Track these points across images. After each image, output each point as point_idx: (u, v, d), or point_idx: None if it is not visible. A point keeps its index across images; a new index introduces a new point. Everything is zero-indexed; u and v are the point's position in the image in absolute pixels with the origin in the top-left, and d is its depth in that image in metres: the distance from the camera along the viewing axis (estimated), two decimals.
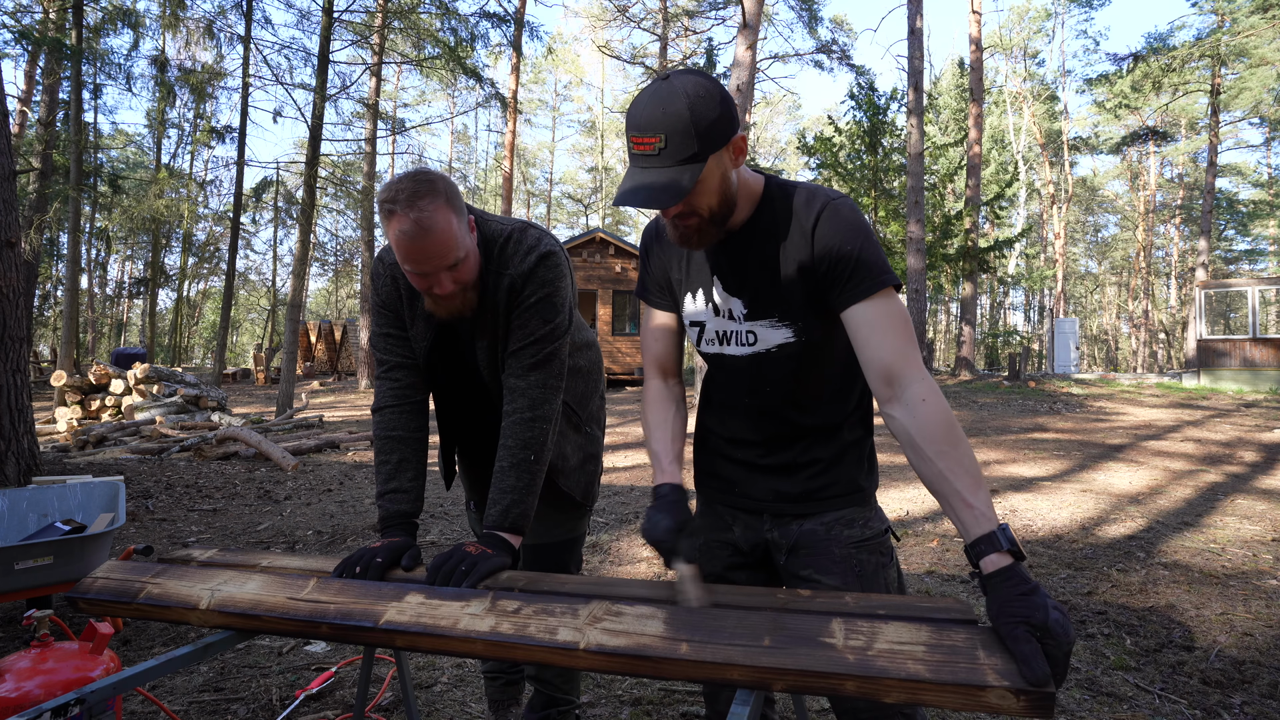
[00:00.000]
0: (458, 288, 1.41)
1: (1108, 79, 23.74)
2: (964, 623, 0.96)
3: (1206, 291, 17.02)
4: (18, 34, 13.13)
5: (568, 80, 42.94)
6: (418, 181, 1.33)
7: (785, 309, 1.21)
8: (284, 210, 34.22)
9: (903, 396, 1.08)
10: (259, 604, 1.15)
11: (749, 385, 1.29)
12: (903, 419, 1.07)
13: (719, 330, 1.28)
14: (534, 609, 1.03)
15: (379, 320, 1.60)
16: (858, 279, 1.12)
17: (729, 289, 1.25)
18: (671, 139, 1.04)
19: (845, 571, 1.24)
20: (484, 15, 15.67)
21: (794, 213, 1.18)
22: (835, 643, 0.90)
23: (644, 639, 0.95)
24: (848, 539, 1.26)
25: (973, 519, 0.97)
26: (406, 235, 1.31)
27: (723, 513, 1.38)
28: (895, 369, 1.09)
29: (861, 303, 1.12)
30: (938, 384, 1.10)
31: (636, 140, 1.07)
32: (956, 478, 1.00)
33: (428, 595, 1.08)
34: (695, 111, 1.04)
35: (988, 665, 0.84)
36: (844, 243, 1.13)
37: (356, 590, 1.13)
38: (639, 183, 1.07)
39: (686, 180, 1.06)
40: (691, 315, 1.31)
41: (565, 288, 1.53)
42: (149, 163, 31.08)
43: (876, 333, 1.10)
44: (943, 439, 1.03)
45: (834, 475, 1.29)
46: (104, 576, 1.32)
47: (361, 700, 1.76)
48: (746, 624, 0.94)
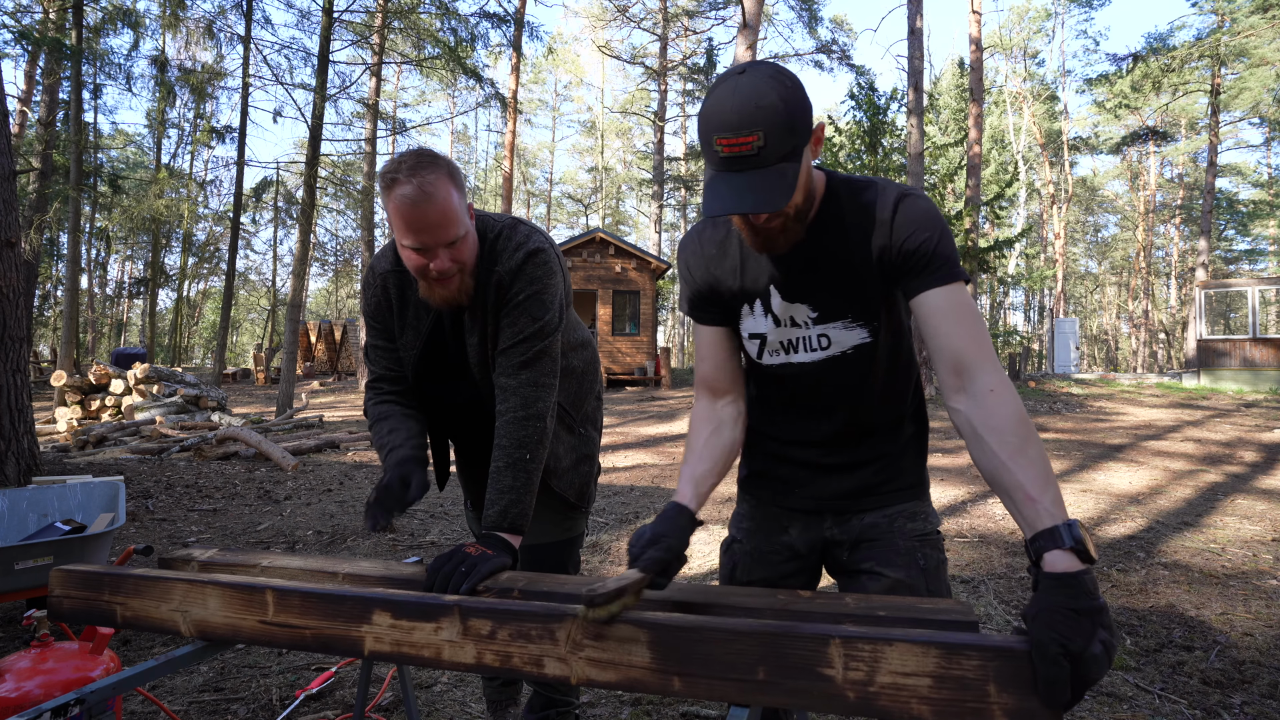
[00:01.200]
0: (455, 267, 1.39)
1: (1108, 79, 23.74)
2: (966, 626, 0.94)
3: (1206, 291, 17.02)
4: (18, 34, 13.13)
5: (568, 80, 42.95)
6: (420, 155, 1.34)
7: (859, 308, 1.17)
8: (284, 210, 34.23)
9: (970, 388, 1.04)
10: (236, 630, 1.13)
11: (819, 390, 1.25)
12: (968, 410, 1.03)
13: (783, 340, 1.23)
14: (508, 632, 0.97)
15: (369, 331, 1.62)
16: (934, 267, 1.09)
17: (790, 296, 1.20)
18: (770, 135, 0.97)
19: (909, 565, 1.22)
20: (484, 15, 15.68)
21: (865, 206, 1.13)
22: (834, 675, 0.84)
23: (633, 671, 0.91)
24: (911, 531, 1.25)
25: (1035, 513, 0.90)
26: (408, 200, 1.29)
27: (778, 515, 1.34)
28: (966, 358, 1.05)
29: (935, 289, 1.09)
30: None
31: (729, 142, 0.98)
32: (1021, 470, 0.94)
33: (394, 615, 1.03)
34: (789, 103, 0.98)
35: (998, 706, 0.79)
36: (921, 230, 1.10)
37: (320, 609, 1.08)
38: (738, 188, 0.99)
39: (790, 179, 1.00)
40: (750, 329, 1.25)
41: (555, 285, 1.51)
42: (149, 163, 31.07)
43: (948, 321, 1.07)
44: (1010, 430, 0.97)
45: (896, 469, 1.28)
46: (67, 595, 1.26)
47: (361, 700, 1.76)
48: (738, 651, 0.88)
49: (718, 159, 1.01)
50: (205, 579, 1.16)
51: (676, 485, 1.23)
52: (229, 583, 1.14)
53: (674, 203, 37.61)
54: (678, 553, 1.07)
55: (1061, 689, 0.76)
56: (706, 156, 1.04)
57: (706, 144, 1.02)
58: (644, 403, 14.00)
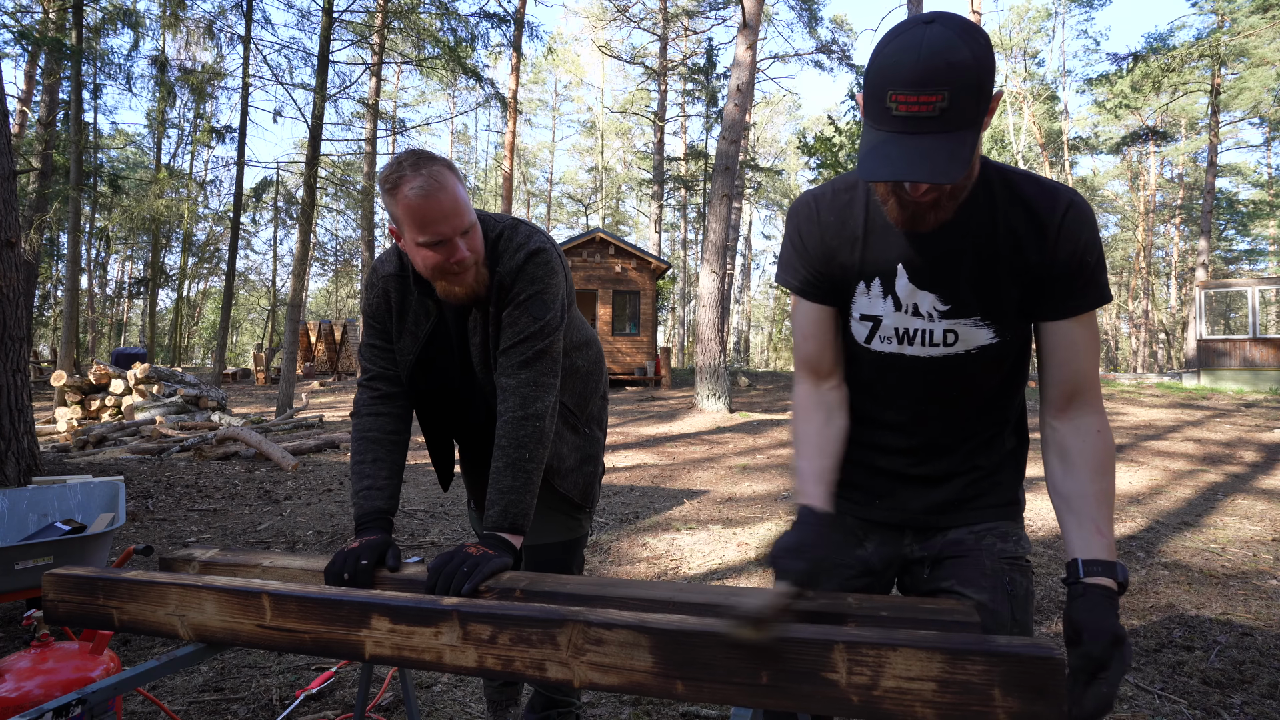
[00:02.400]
0: (472, 257, 1.39)
1: (1108, 79, 23.74)
2: (969, 627, 0.93)
3: (1206, 291, 17.02)
4: (18, 34, 13.13)
5: (568, 80, 42.94)
6: (417, 153, 1.35)
7: (990, 307, 1.08)
8: (284, 210, 34.22)
9: (1078, 420, 1.07)
10: (235, 634, 1.13)
11: (928, 389, 1.15)
12: (1067, 437, 1.06)
13: (899, 328, 1.12)
14: (509, 636, 0.97)
15: (367, 330, 1.62)
16: (1084, 294, 1.04)
17: (920, 281, 1.08)
18: (956, 97, 0.86)
19: (995, 587, 1.12)
20: (484, 15, 15.68)
21: (1026, 203, 1.03)
22: (838, 679, 0.84)
23: (635, 675, 0.91)
24: (1001, 552, 1.15)
25: (1100, 546, 0.99)
26: (420, 191, 1.30)
27: (854, 526, 1.25)
28: (1083, 392, 1.07)
29: (1078, 318, 1.05)
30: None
31: (906, 100, 0.87)
32: (1099, 508, 1.02)
33: (393, 619, 1.02)
34: (981, 63, 0.87)
35: (1002, 710, 0.79)
36: (1086, 252, 1.03)
37: (318, 613, 1.07)
38: (913, 152, 0.88)
39: (968, 149, 0.89)
40: (864, 309, 1.14)
41: (557, 284, 1.51)
42: (149, 163, 31.07)
43: (1078, 355, 1.06)
44: (1100, 471, 1.04)
45: (991, 484, 1.19)
46: (61, 599, 1.25)
47: (362, 700, 1.77)
48: (741, 656, 0.87)
49: (890, 117, 0.90)
50: (200, 583, 1.15)
51: (803, 487, 1.11)
52: (224, 587, 1.13)
53: (674, 203, 37.61)
54: (824, 561, 1.01)
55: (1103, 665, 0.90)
56: (873, 114, 0.92)
57: (877, 100, 0.91)
58: (644, 403, 14.01)
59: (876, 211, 1.10)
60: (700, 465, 7.40)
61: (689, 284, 39.38)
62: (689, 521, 4.93)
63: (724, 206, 11.84)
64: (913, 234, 1.05)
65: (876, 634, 0.86)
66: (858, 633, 0.87)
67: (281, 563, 1.39)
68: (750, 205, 40.08)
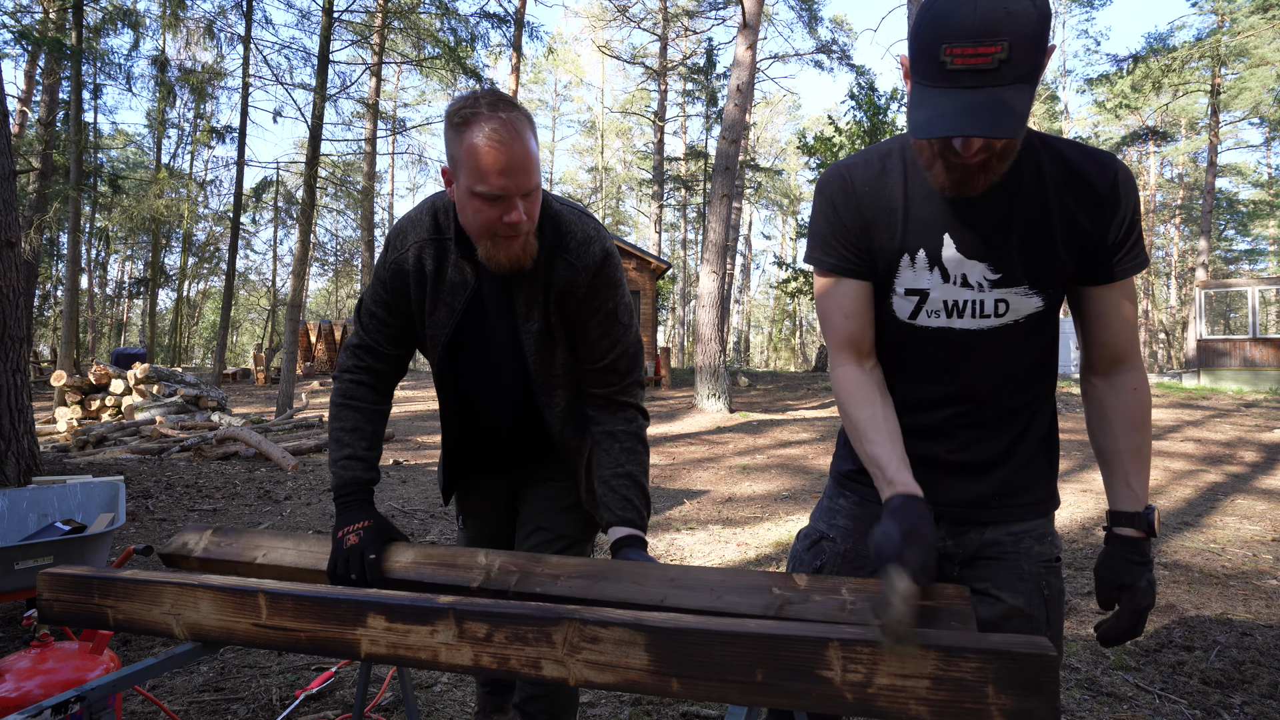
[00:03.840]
0: (528, 224, 1.25)
1: (1108, 79, 23.74)
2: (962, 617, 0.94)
3: (1206, 291, 17.02)
4: (18, 34, 13.13)
5: (568, 80, 42.93)
6: (497, 93, 1.22)
7: (1038, 275, 1.05)
8: (284, 210, 34.21)
9: (1118, 380, 1.11)
10: (230, 633, 1.13)
11: (975, 364, 1.10)
12: (1105, 395, 1.11)
13: (947, 300, 1.07)
14: (504, 634, 0.97)
15: (375, 299, 1.45)
16: (1131, 257, 1.06)
17: (967, 251, 1.04)
18: (1016, 48, 0.83)
19: (1032, 591, 1.12)
20: (484, 15, 15.68)
21: (1070, 168, 1.02)
22: (833, 676, 0.85)
23: (630, 673, 0.91)
24: (1039, 556, 1.14)
25: (1128, 497, 1.08)
26: (495, 137, 1.16)
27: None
28: (1125, 354, 1.10)
29: (1122, 282, 1.07)
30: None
31: (965, 52, 0.84)
32: (1131, 461, 1.08)
33: (389, 618, 1.03)
34: (1041, 10, 0.85)
35: (995, 706, 0.80)
36: (1135, 214, 1.04)
37: (314, 612, 1.07)
38: (969, 107, 0.85)
39: (1025, 103, 0.86)
40: (909, 283, 1.08)
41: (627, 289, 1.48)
42: (149, 163, 31.07)
43: (1121, 314, 1.09)
44: (1136, 426, 1.09)
45: (1028, 477, 1.15)
46: (56, 599, 1.24)
47: (361, 700, 1.76)
48: (735, 654, 0.88)
49: (944, 73, 0.87)
50: (195, 582, 1.15)
51: (891, 475, 1.02)
52: (220, 585, 1.13)
53: (674, 203, 37.61)
54: (934, 547, 0.95)
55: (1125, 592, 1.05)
56: (923, 71, 0.90)
57: (928, 56, 0.88)
58: (644, 403, 13.99)
59: (917, 179, 1.06)
60: (700, 465, 7.40)
61: (689, 284, 39.38)
62: (689, 521, 4.93)
63: (724, 206, 11.84)
64: (958, 201, 1.02)
65: (871, 631, 0.86)
66: (852, 630, 0.87)
67: (275, 558, 1.38)
68: (750, 205, 40.09)
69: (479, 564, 1.27)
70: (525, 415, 1.50)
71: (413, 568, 1.30)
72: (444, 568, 1.27)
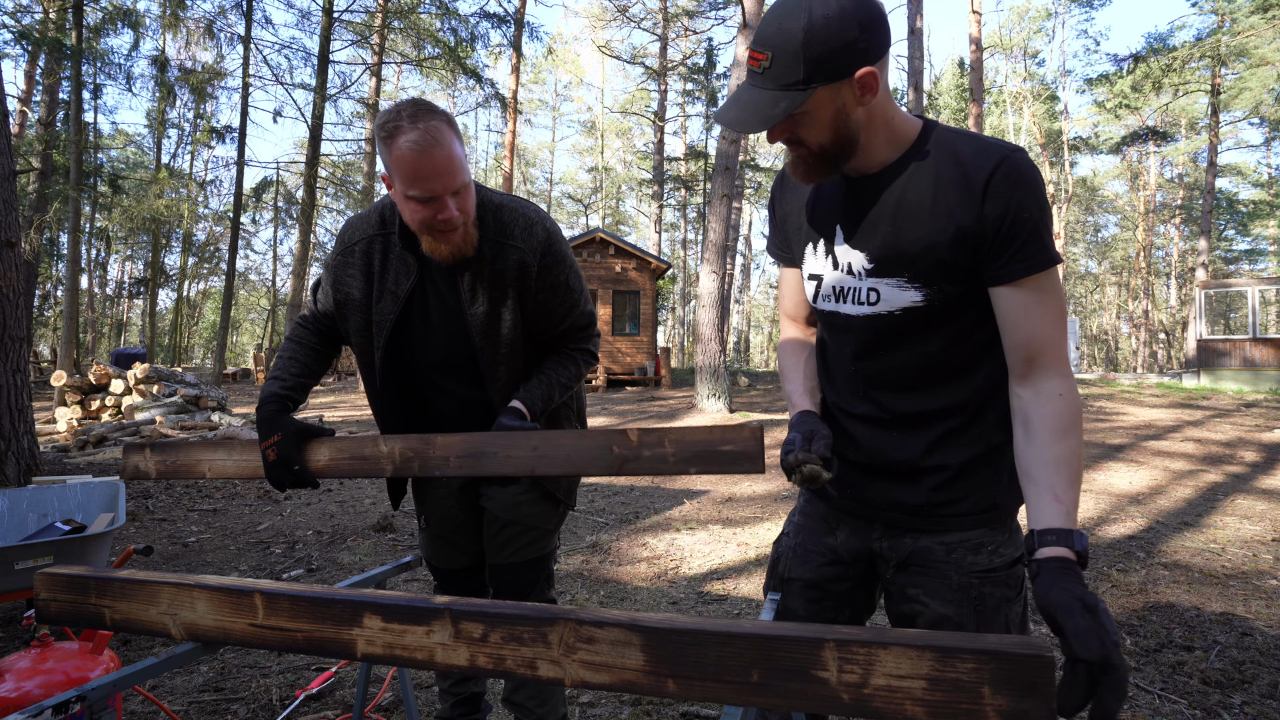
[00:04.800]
0: (461, 217, 1.39)
1: (1108, 79, 23.75)
2: (749, 457, 1.00)
3: (1206, 291, 17.02)
4: (18, 34, 13.14)
5: (568, 80, 42.94)
6: (419, 103, 1.34)
7: (919, 268, 1.06)
8: (284, 210, 34.22)
9: (1039, 384, 1.02)
10: (227, 633, 1.13)
11: (859, 349, 1.15)
12: (1029, 403, 1.02)
13: (835, 286, 1.15)
14: (500, 635, 0.98)
15: (323, 290, 1.63)
16: (1027, 253, 1.00)
17: (852, 241, 1.11)
18: (778, 59, 0.95)
19: (961, 601, 1.11)
20: (484, 15, 15.69)
21: (959, 162, 1.02)
22: (829, 677, 0.85)
23: (626, 674, 0.92)
24: (971, 566, 1.12)
25: (1055, 512, 0.93)
26: (416, 146, 1.29)
27: (826, 514, 1.26)
28: (1043, 357, 1.02)
29: (1025, 280, 1.01)
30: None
31: (750, 53, 0.98)
32: (1057, 472, 0.96)
33: (385, 618, 1.04)
34: (812, 33, 0.93)
35: (991, 707, 0.80)
36: (1022, 208, 0.99)
37: (310, 612, 1.08)
38: (735, 99, 1.00)
39: (781, 109, 0.96)
40: (810, 269, 1.19)
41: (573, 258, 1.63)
42: (149, 163, 31.07)
43: (1032, 316, 1.01)
44: (1062, 434, 0.98)
45: (965, 488, 1.13)
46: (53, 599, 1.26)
47: (361, 700, 1.77)
48: (731, 654, 0.88)
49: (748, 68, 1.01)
50: (192, 582, 1.16)
51: (796, 401, 1.21)
52: (217, 585, 1.14)
53: (674, 203, 37.62)
54: (829, 439, 1.09)
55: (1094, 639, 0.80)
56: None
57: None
58: (644, 403, 14.00)
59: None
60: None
61: (689, 284, 39.39)
62: (689, 521, 4.93)
63: (724, 206, 11.84)
64: (849, 193, 1.10)
65: (868, 632, 0.87)
66: (848, 631, 0.88)
67: (219, 469, 1.53)
68: (750, 205, 40.06)
69: (383, 452, 1.45)
70: (470, 391, 1.61)
71: (332, 465, 1.46)
72: (359, 460, 1.45)
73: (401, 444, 1.42)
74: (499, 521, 1.68)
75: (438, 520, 1.77)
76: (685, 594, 3.45)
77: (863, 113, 1.01)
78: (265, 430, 1.47)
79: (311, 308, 1.68)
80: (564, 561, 3.98)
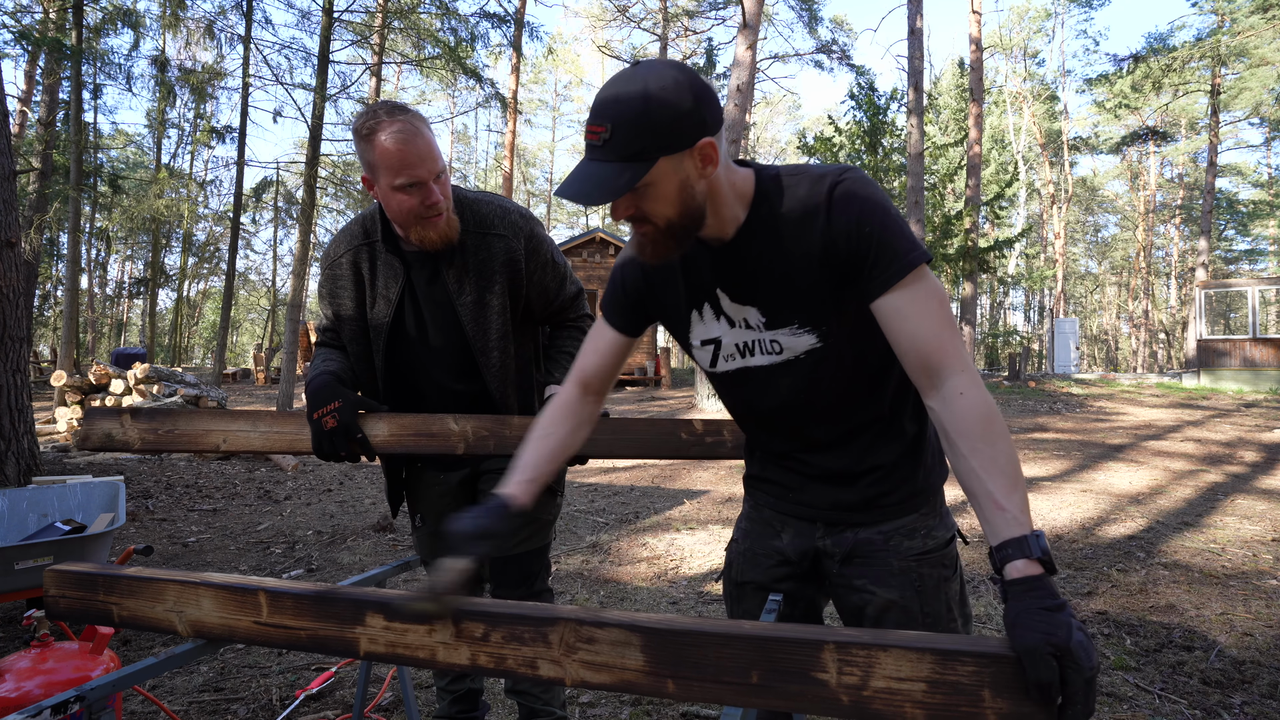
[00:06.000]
0: (445, 202, 1.46)
1: (1108, 79, 23.75)
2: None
3: (1206, 291, 17.03)
4: (18, 34, 13.11)
5: (568, 80, 42.96)
6: (390, 103, 1.43)
7: (805, 314, 1.09)
8: (284, 210, 34.21)
9: (941, 389, 0.99)
10: (232, 631, 1.14)
11: (782, 396, 1.17)
12: (939, 410, 0.99)
13: (739, 342, 1.16)
14: (501, 634, 0.98)
15: (324, 315, 1.69)
16: (883, 264, 1.00)
17: (739, 299, 1.13)
18: (617, 131, 0.95)
19: (904, 585, 1.17)
20: (484, 15, 15.66)
21: (800, 201, 1.05)
22: (828, 679, 0.85)
23: (626, 674, 0.92)
24: (908, 550, 1.18)
25: (1003, 521, 0.89)
26: (398, 136, 1.37)
27: (771, 518, 1.30)
28: (933, 360, 0.99)
29: (891, 291, 1.00)
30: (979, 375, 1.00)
31: (588, 127, 0.98)
32: (990, 477, 0.92)
33: (388, 617, 1.03)
34: (649, 105, 0.94)
35: (991, 710, 0.79)
36: (861, 225, 1.01)
37: (313, 611, 1.08)
38: (577, 174, 0.98)
39: (625, 180, 0.95)
40: (702, 335, 1.18)
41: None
42: (149, 163, 31.05)
43: (909, 322, 1.00)
44: (978, 435, 0.94)
45: (894, 481, 1.19)
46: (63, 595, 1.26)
47: (361, 700, 1.77)
48: (731, 656, 0.88)
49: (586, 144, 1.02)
50: (198, 580, 1.16)
51: (512, 476, 1.16)
52: (222, 583, 1.14)
53: None
54: (504, 544, 1.06)
55: (1055, 689, 0.76)
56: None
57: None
58: (644, 402, 14.01)
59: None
60: (700, 465, 7.40)
61: None
62: (689, 521, 4.93)
63: None
64: (718, 255, 1.11)
65: (867, 634, 0.86)
66: (849, 633, 0.87)
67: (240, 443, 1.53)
68: None
69: (454, 430, 1.44)
70: (466, 383, 1.64)
71: (394, 441, 1.43)
72: (425, 435, 1.43)
73: (475, 423, 1.44)
74: None
75: (434, 518, 1.78)
76: (685, 594, 3.45)
77: (705, 184, 1.02)
78: (323, 398, 1.50)
79: (321, 325, 1.75)
80: (564, 561, 3.98)
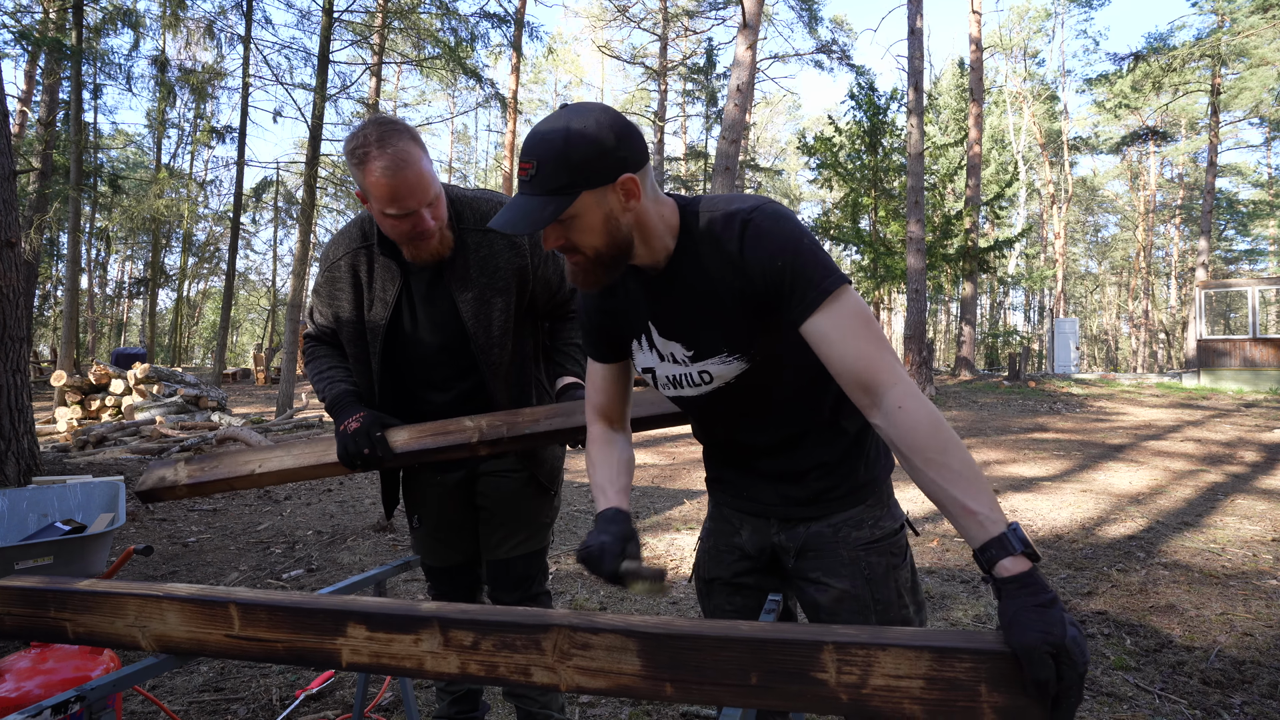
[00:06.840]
0: (436, 225, 1.47)
1: (1108, 79, 23.74)
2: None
3: (1206, 291, 17.03)
4: (18, 34, 13.11)
5: (568, 80, 42.93)
6: (382, 125, 1.41)
7: (732, 343, 1.13)
8: (284, 210, 34.20)
9: (882, 405, 1.00)
10: (202, 644, 1.10)
11: (718, 420, 1.25)
12: (884, 428, 1.01)
13: (669, 375, 1.22)
14: (492, 642, 0.96)
15: (316, 309, 1.69)
16: (800, 293, 1.04)
17: (665, 333, 1.19)
18: (542, 167, 1.01)
19: (854, 574, 1.22)
20: (484, 15, 15.66)
21: (716, 239, 1.10)
22: (827, 679, 0.85)
23: (623, 678, 0.91)
24: (856, 540, 1.23)
25: (977, 525, 0.90)
26: (387, 171, 1.37)
27: (730, 516, 1.36)
28: (865, 378, 1.01)
29: (812, 316, 1.04)
30: (918, 384, 1.01)
31: (520, 164, 1.06)
32: (952, 484, 0.93)
33: (370, 627, 1.01)
34: (571, 142, 1.00)
35: (988, 705, 0.80)
36: (773, 259, 1.05)
37: (289, 622, 1.05)
38: (510, 205, 1.05)
39: (549, 212, 1.02)
40: (641, 363, 1.26)
41: None
42: (149, 163, 31.06)
43: (836, 346, 1.03)
44: (928, 446, 0.95)
45: (839, 475, 1.25)
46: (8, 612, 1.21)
47: (361, 700, 1.77)
48: (729, 658, 0.88)
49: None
50: (161, 593, 1.12)
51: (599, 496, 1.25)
52: (188, 596, 1.10)
53: None
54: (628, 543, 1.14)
55: (1053, 686, 0.78)
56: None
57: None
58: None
59: (626, 274, 1.19)
60: (700, 465, 7.39)
61: None
62: (689, 521, 4.93)
63: None
64: (651, 284, 1.16)
65: (866, 633, 0.87)
66: (847, 632, 0.87)
67: (273, 465, 1.49)
68: None
69: (468, 426, 1.47)
70: (463, 382, 1.65)
71: (414, 441, 1.47)
72: (441, 434, 1.47)
73: (488, 419, 1.48)
74: (496, 520, 1.70)
75: (431, 519, 1.78)
76: (685, 594, 3.45)
77: (632, 216, 1.07)
78: (347, 412, 1.56)
79: (313, 327, 1.74)
80: (564, 562, 3.98)
